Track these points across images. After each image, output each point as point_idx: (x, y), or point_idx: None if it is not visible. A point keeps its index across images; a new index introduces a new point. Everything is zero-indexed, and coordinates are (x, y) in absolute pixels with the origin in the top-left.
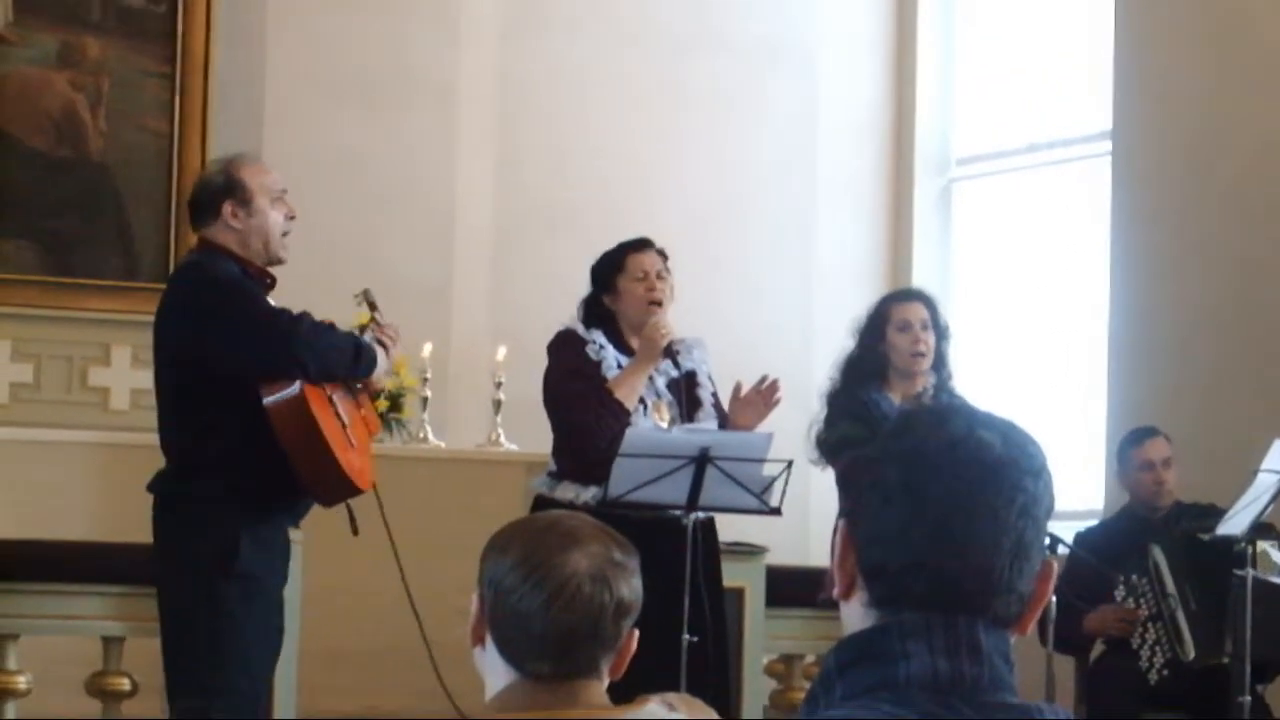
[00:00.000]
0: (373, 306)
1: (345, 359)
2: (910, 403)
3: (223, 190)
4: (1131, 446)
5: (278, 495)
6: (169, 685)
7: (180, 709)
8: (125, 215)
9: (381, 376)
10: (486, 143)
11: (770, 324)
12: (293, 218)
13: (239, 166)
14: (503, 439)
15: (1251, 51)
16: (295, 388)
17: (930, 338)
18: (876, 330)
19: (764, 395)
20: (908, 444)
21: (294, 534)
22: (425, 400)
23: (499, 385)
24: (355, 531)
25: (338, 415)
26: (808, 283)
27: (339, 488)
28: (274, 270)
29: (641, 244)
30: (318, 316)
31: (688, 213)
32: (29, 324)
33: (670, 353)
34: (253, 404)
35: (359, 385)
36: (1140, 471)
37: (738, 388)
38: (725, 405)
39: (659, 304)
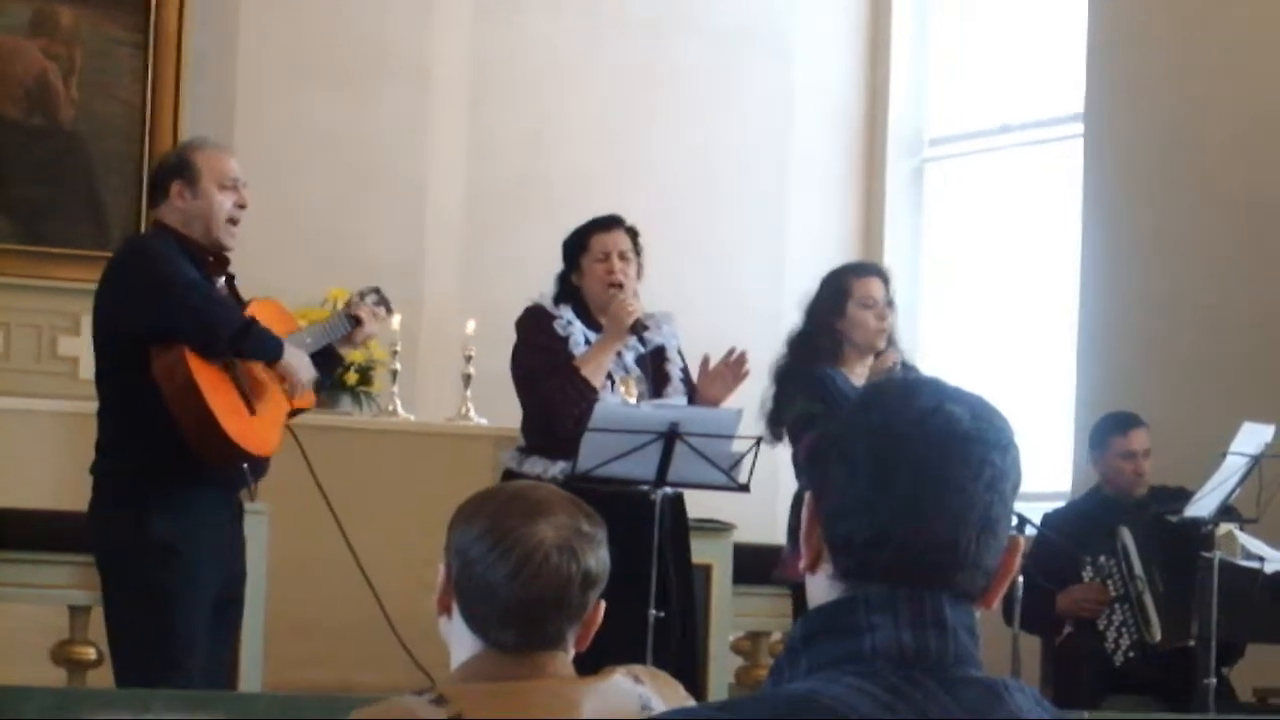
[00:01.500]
0: (363, 295)
1: (224, 331)
2: (879, 376)
3: (173, 169)
4: (1114, 434)
5: (186, 464)
6: (111, 657)
7: (118, 679)
8: (96, 185)
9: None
10: (459, 120)
11: (742, 303)
12: (243, 207)
13: (194, 149)
14: (472, 413)
15: (1224, 35)
16: (176, 348)
17: (892, 315)
18: (835, 305)
19: (732, 368)
20: (876, 416)
21: (259, 504)
22: (395, 373)
23: (469, 359)
24: (252, 497)
25: (235, 380)
26: (780, 262)
27: (223, 450)
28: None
29: (609, 223)
30: (286, 289)
31: (661, 193)
32: None
33: (638, 330)
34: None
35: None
36: (1121, 460)
37: (705, 361)
38: (695, 379)
39: (618, 286)
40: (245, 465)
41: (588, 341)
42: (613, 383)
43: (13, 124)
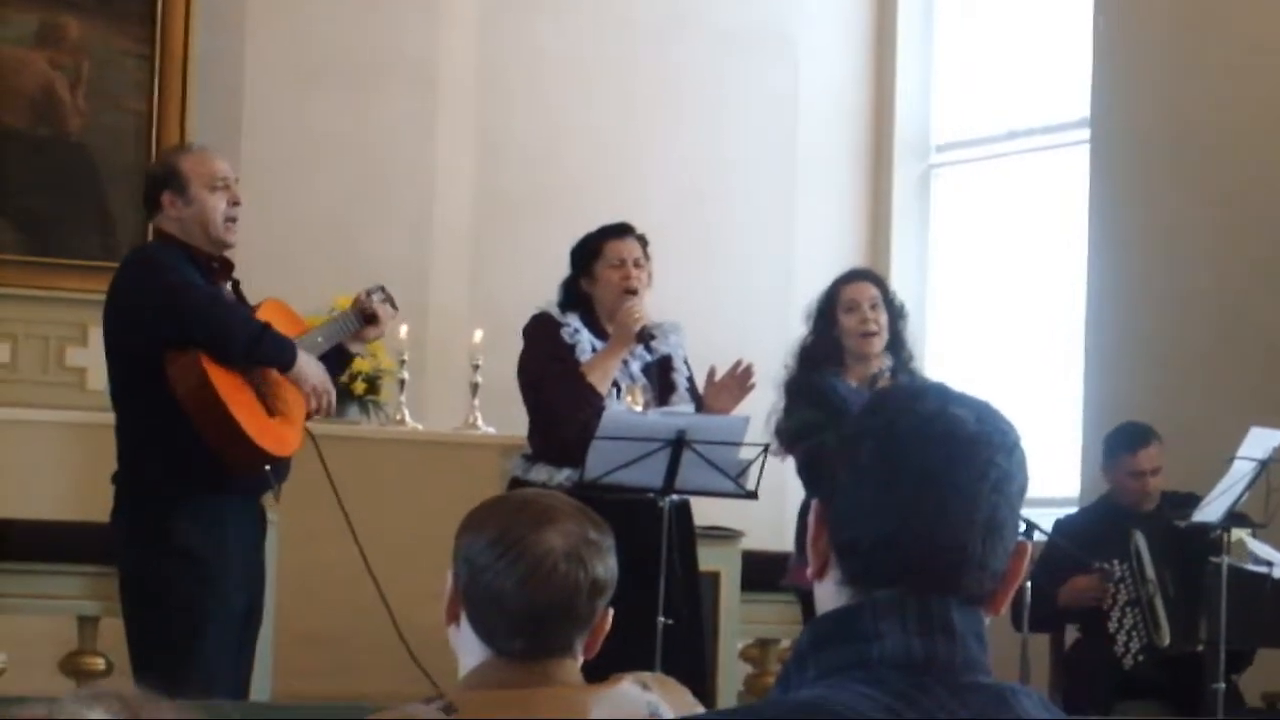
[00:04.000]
0: (369, 294)
1: (242, 334)
2: (865, 386)
3: (161, 181)
4: (1125, 450)
5: (211, 473)
6: (131, 663)
7: (139, 682)
8: (103, 195)
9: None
10: (466, 126)
11: (750, 309)
12: (237, 204)
13: (179, 156)
14: (480, 421)
15: (1229, 39)
16: (189, 353)
17: (881, 316)
18: (827, 314)
19: (738, 380)
20: (881, 420)
21: (270, 514)
22: (403, 382)
23: (476, 368)
24: (276, 498)
25: (250, 382)
26: (788, 268)
27: (244, 452)
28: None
29: (621, 230)
30: (294, 297)
31: (667, 197)
32: (6, 303)
33: (645, 338)
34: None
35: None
36: (1128, 478)
37: (711, 372)
38: (701, 390)
39: (634, 291)
40: (268, 467)
41: (594, 349)
42: (618, 390)
43: (19, 135)
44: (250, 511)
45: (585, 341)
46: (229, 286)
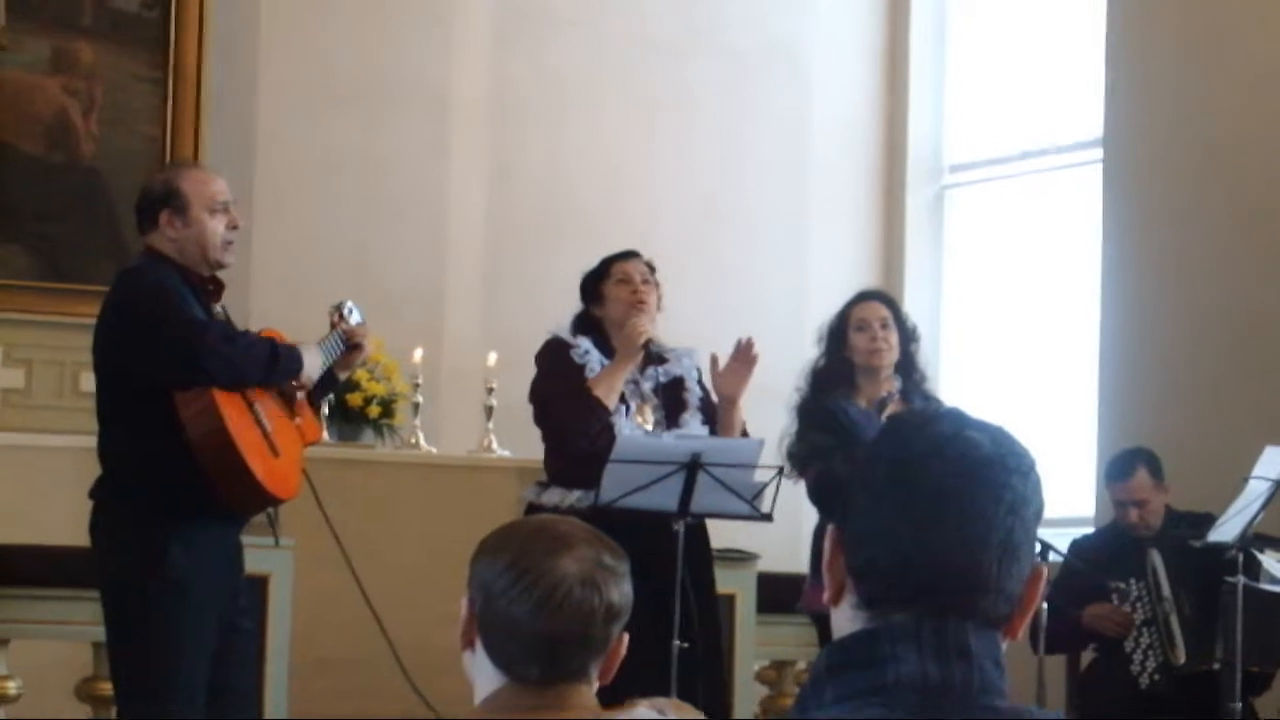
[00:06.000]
0: (341, 312)
1: (259, 364)
2: (875, 408)
3: (160, 199)
4: (1111, 481)
5: (203, 501)
6: (114, 688)
7: (122, 712)
8: (117, 221)
9: (313, 371)
10: (479, 148)
11: (763, 330)
12: (235, 228)
13: (180, 175)
14: (495, 445)
15: (1242, 59)
16: (203, 393)
17: (892, 336)
18: (838, 336)
19: (742, 357)
20: (896, 444)
21: (286, 539)
22: (417, 406)
23: (491, 391)
24: (276, 541)
25: (258, 422)
26: (801, 289)
27: (252, 495)
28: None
29: (626, 254)
30: (307, 322)
31: (681, 219)
32: (20, 329)
33: (652, 356)
34: (173, 409)
35: (296, 392)
36: (1118, 507)
37: (714, 361)
38: (710, 387)
39: (643, 303)
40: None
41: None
42: (628, 408)
43: (33, 160)
44: (233, 536)
45: (595, 362)
46: (220, 307)
